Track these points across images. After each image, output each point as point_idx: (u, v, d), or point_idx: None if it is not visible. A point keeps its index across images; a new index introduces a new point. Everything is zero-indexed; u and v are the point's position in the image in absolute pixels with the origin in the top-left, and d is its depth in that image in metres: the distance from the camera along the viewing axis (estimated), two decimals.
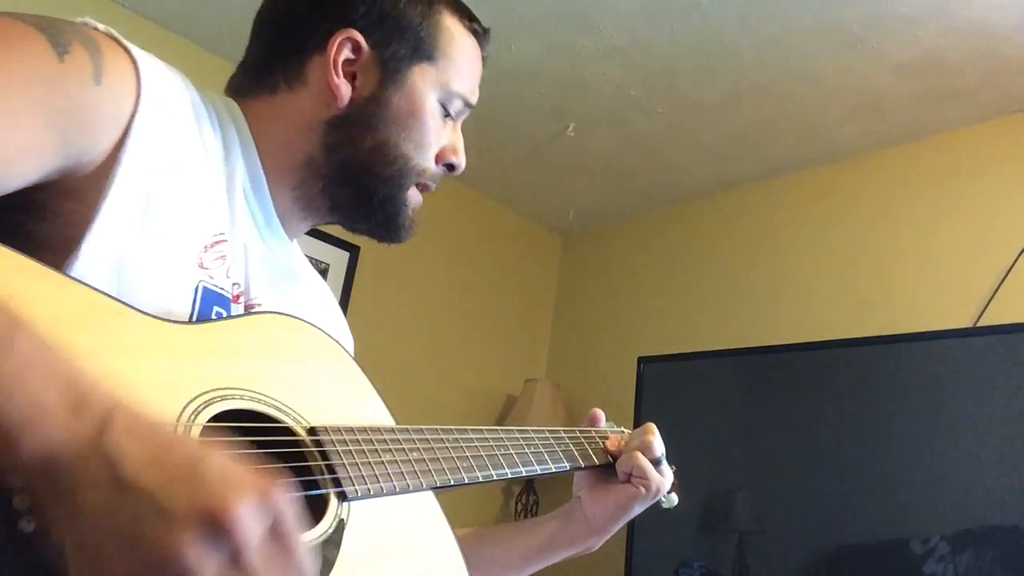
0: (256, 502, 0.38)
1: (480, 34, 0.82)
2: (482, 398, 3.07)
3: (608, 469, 0.93)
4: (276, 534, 0.39)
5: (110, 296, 0.53)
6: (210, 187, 0.67)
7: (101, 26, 0.61)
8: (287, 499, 0.40)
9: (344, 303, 2.69)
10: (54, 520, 0.38)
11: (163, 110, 0.62)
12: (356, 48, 0.75)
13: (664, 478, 0.92)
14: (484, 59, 0.84)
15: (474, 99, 0.81)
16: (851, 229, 2.55)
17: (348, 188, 0.76)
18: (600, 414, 1.01)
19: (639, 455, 0.91)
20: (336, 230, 3.12)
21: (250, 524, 0.38)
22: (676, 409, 2.50)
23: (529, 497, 2.90)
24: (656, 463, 0.91)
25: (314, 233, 2.61)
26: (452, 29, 0.79)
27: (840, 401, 2.15)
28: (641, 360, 2.60)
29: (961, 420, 1.92)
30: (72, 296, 0.50)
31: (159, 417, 0.41)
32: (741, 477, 2.31)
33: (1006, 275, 2.15)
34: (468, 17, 0.82)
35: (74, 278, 0.52)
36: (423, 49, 0.76)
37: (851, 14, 2.01)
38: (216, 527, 0.37)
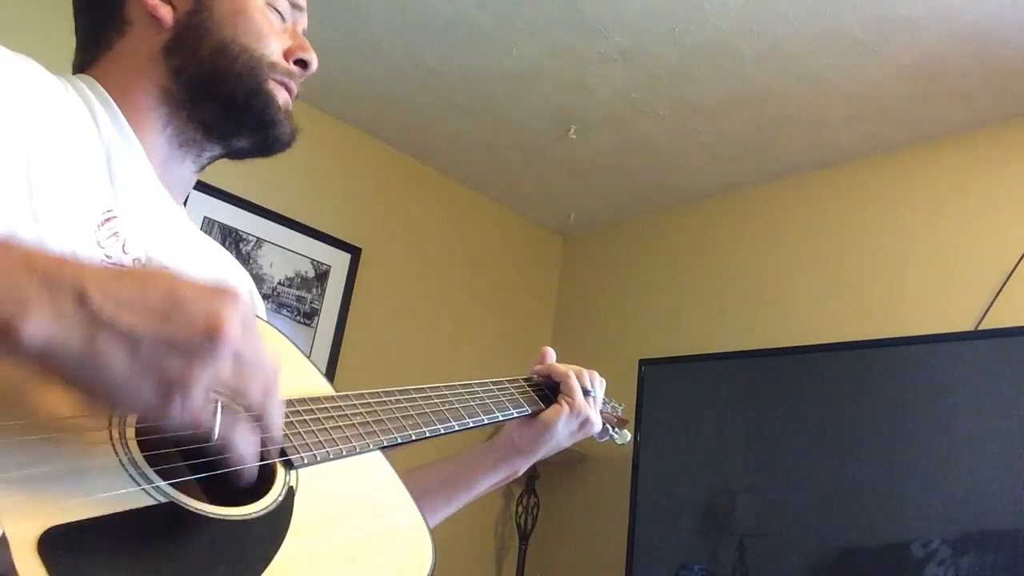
0: (231, 307, 0.46)
1: None
2: None
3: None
4: (246, 327, 0.48)
5: None
6: (89, 165, 0.66)
7: None
8: (243, 297, 0.48)
9: (345, 304, 2.69)
10: (81, 388, 0.45)
11: (23, 93, 0.61)
12: None
13: (591, 408, 0.98)
14: None
15: None
16: (853, 232, 2.55)
17: (209, 102, 0.76)
18: (550, 351, 1.04)
19: (571, 375, 0.98)
20: (337, 231, 3.07)
21: (236, 325, 0.46)
22: (677, 412, 2.50)
23: (530, 499, 2.89)
24: (585, 392, 0.98)
25: (315, 235, 2.63)
26: None
27: (841, 404, 2.14)
28: (642, 362, 2.60)
29: (962, 423, 1.91)
30: None
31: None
32: (742, 480, 2.31)
33: (1008, 278, 2.15)
34: None
35: None
36: None
37: (853, 17, 2.01)
38: (216, 338, 0.45)
